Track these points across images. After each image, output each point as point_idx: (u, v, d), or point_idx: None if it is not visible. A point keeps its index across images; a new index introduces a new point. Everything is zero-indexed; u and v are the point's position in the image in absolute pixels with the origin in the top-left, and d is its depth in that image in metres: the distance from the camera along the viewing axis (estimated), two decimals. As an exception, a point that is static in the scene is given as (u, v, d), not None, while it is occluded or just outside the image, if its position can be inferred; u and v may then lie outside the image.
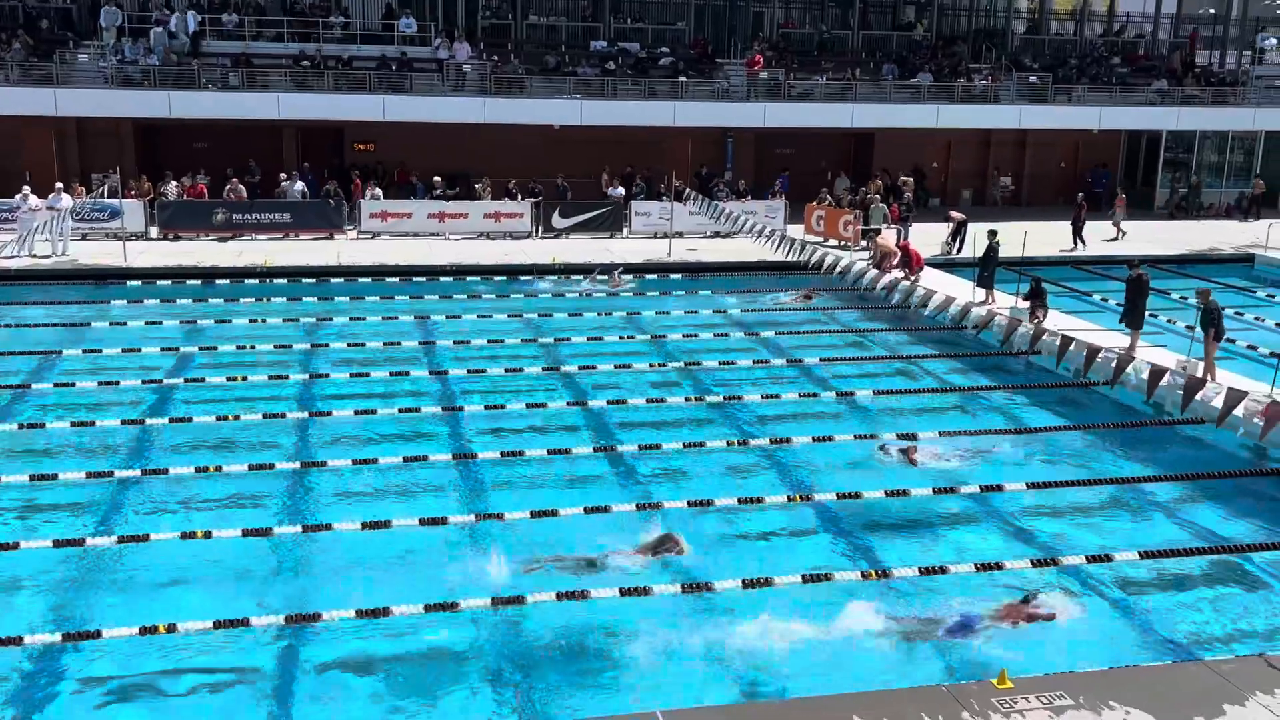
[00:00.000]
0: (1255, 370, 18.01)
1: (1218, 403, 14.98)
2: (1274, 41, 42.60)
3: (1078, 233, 28.76)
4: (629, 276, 24.93)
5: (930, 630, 10.04)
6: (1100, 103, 35.59)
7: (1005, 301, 21.51)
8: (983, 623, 10.09)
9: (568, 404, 16.29)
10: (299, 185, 29.12)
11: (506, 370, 17.75)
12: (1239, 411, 14.68)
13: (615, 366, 18.19)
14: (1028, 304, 20.45)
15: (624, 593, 10.32)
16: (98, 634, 9.49)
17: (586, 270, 25.34)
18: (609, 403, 16.28)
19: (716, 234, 29.45)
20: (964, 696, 8.29)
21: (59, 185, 25.84)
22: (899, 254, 24.63)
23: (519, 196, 29.87)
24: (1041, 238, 28.62)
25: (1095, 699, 8.23)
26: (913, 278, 23.55)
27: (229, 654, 9.49)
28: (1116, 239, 30.35)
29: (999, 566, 11.04)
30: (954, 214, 28.07)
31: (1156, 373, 15.79)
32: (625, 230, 29.81)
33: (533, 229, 29.47)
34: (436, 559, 11.33)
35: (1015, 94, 35.56)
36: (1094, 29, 43.83)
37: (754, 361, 18.80)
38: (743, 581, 10.56)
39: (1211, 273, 26.72)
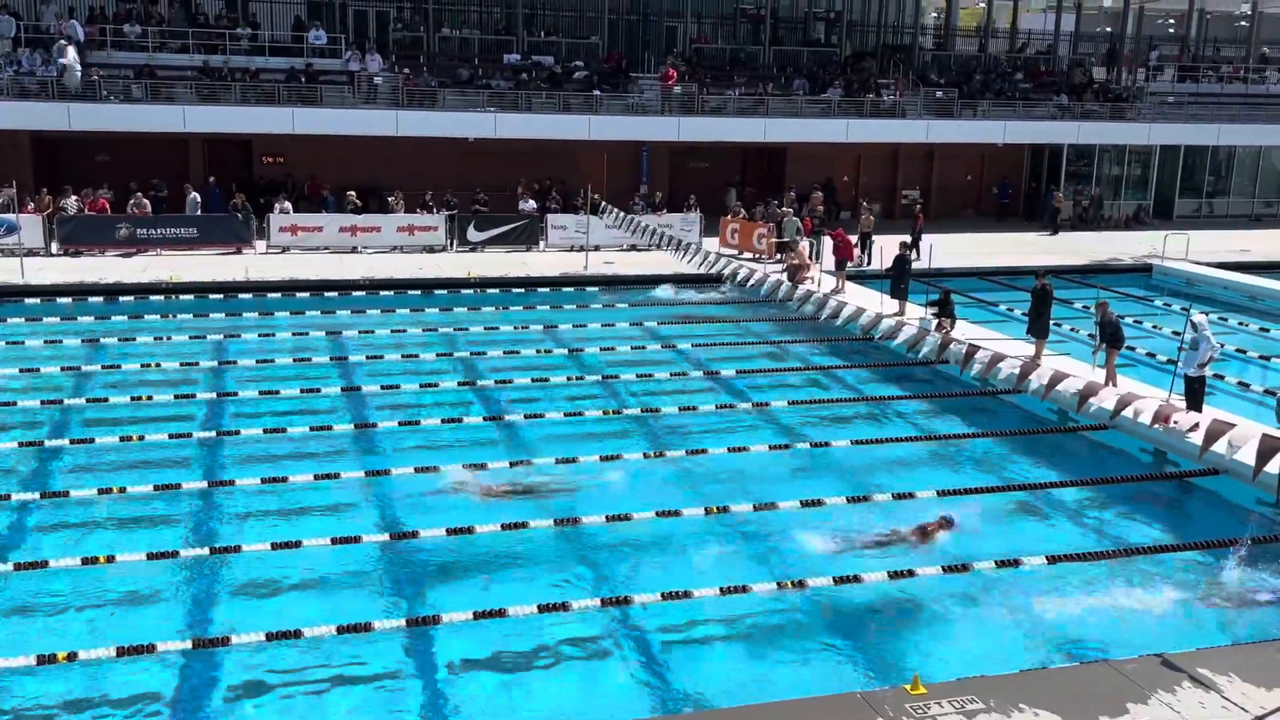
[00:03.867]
0: (1154, 377, 18.60)
1: (1110, 405, 15.41)
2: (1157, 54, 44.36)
3: (915, 244, 28.96)
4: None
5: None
6: (1004, 117, 36.53)
7: (916, 313, 21.90)
8: None
9: (484, 419, 16.18)
10: (193, 195, 28.45)
11: (422, 386, 17.57)
12: (1130, 414, 15.13)
13: (532, 380, 18.13)
14: (934, 313, 20.86)
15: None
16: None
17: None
18: (526, 416, 16.21)
19: (633, 247, 29.52)
20: (878, 703, 8.40)
21: (-48, 200, 24.98)
22: (812, 265, 25.06)
23: (435, 209, 29.63)
24: (949, 249, 29.28)
25: (1005, 701, 8.41)
26: (839, 285, 24.06)
27: (136, 681, 9.21)
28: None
29: (911, 574, 11.21)
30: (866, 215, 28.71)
31: (1057, 379, 16.18)
32: (542, 243, 29.74)
33: (448, 242, 29.24)
34: (348, 580, 11.18)
35: (923, 109, 36.32)
36: (998, 46, 45.01)
37: (671, 374, 18.87)
38: (662, 594, 10.60)
39: (1112, 282, 27.58)
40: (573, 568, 11.60)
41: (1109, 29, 48.24)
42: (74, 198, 27.61)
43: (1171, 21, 51.26)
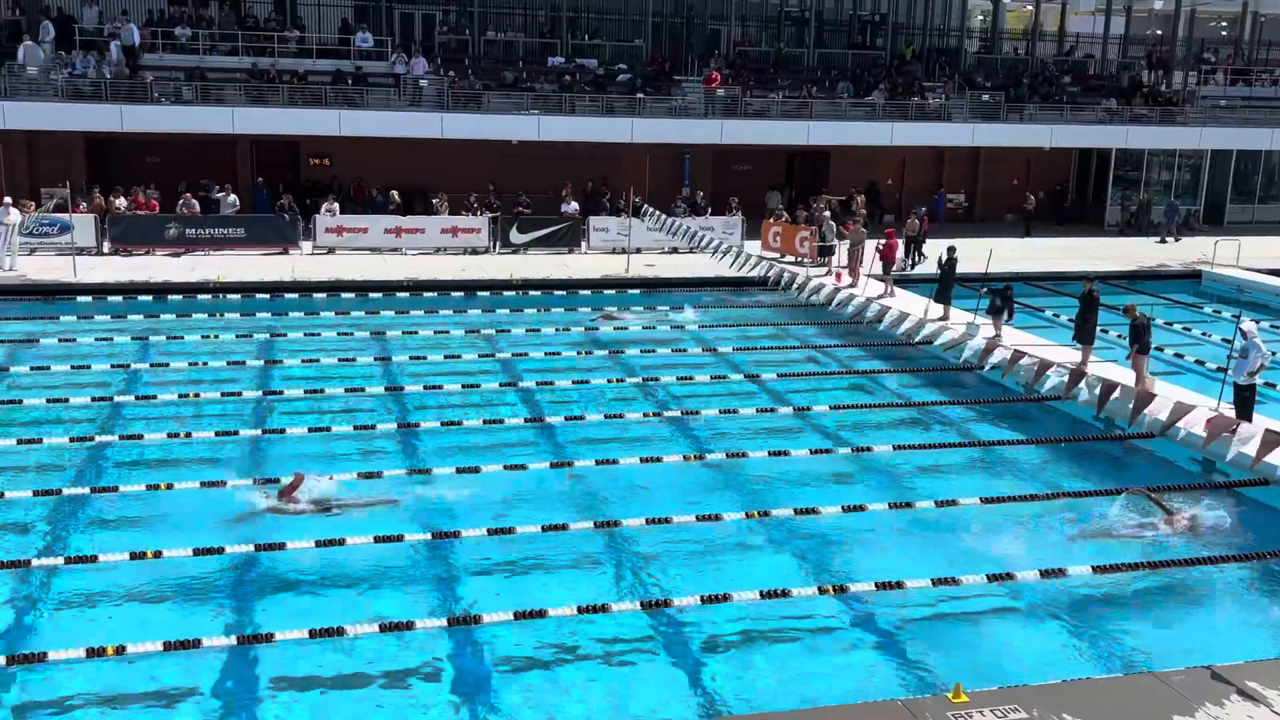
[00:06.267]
0: (1203, 385, 18.31)
1: (1162, 416, 15.20)
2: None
3: (917, 248, 28.47)
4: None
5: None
6: (1051, 121, 36.11)
7: (962, 318, 21.72)
8: None
9: (525, 420, 16.25)
10: (231, 198, 28.84)
11: (464, 386, 17.67)
12: (1182, 424, 14.94)
13: (573, 382, 18.17)
14: (990, 316, 20.73)
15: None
16: (43, 656, 9.30)
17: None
18: (566, 419, 16.25)
19: (675, 250, 29.55)
20: (919, 711, 8.33)
21: (7, 200, 25.39)
22: (857, 268, 25.01)
23: (478, 211, 29.82)
24: (996, 253, 28.98)
25: (1048, 711, 8.31)
26: (887, 289, 24.07)
27: (180, 676, 9.32)
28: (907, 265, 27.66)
29: (954, 581, 11.11)
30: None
31: (1108, 387, 16.00)
32: (584, 246, 29.81)
33: (490, 244, 29.40)
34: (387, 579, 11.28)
35: (968, 112, 36.02)
36: (1045, 49, 44.52)
37: (711, 377, 18.85)
38: (701, 597, 10.60)
39: (1160, 289, 27.23)
40: (613, 567, 11.65)
41: (1159, 31, 47.58)
42: (122, 198, 28.07)
43: (1224, 24, 50.49)
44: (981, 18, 47.22)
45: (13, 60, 29.60)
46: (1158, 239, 35.52)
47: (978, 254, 23.72)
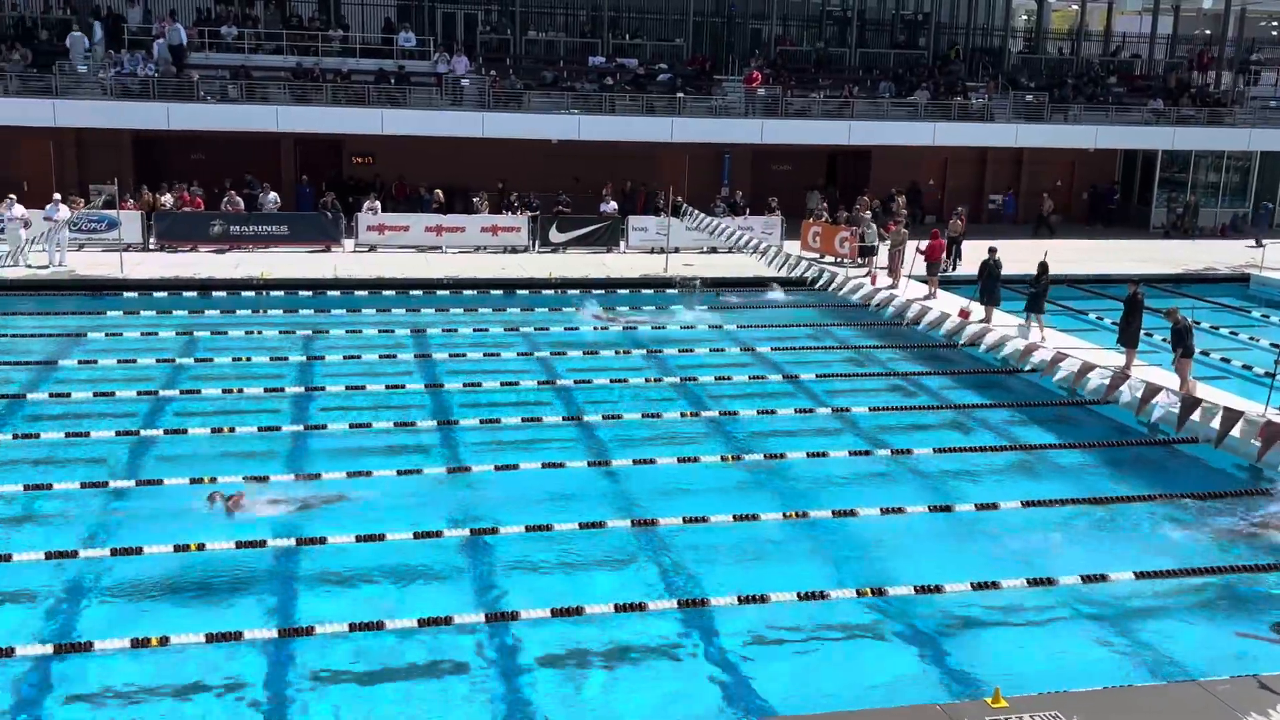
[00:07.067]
0: (1250, 390, 18.04)
1: (1214, 423, 14.97)
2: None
3: (956, 249, 27.96)
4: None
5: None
6: (1096, 122, 35.73)
7: (1003, 319, 21.51)
8: None
9: (563, 419, 16.29)
10: (272, 195, 29.20)
11: (503, 384, 17.75)
12: (1235, 431, 14.70)
13: (611, 381, 18.19)
14: (1028, 313, 20.57)
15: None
16: (89, 646, 9.45)
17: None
18: (604, 417, 16.28)
19: (714, 250, 29.51)
20: (958, 715, 8.28)
21: (57, 196, 25.82)
22: (898, 269, 24.82)
23: (518, 210, 29.94)
24: (1035, 256, 28.67)
25: (1089, 718, 8.22)
26: (931, 290, 23.91)
27: (222, 667, 9.44)
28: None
29: (994, 585, 11.02)
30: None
31: (1151, 390, 15.79)
32: (623, 245, 29.84)
33: (530, 243, 29.50)
34: (426, 569, 11.35)
35: (1012, 112, 35.69)
36: (1091, 49, 44.02)
37: (750, 377, 18.81)
38: (738, 598, 10.57)
39: (1207, 292, 26.83)
40: (650, 565, 11.66)
41: (1207, 31, 46.89)
42: (168, 195, 28.45)
43: (1275, 25, 49.68)
44: (1026, 17, 46.77)
45: (63, 59, 30.09)
46: (1250, 243, 34.55)
47: (1016, 255, 23.51)
